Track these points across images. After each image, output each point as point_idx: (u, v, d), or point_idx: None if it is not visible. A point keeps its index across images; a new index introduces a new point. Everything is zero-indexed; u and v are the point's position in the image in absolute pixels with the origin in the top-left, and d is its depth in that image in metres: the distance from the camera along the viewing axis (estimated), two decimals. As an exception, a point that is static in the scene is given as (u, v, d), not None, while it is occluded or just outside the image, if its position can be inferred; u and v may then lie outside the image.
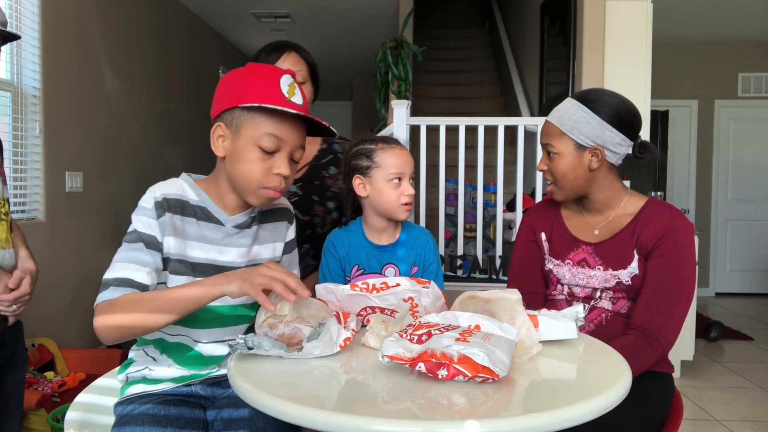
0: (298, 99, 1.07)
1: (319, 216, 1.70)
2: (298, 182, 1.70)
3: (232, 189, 1.13)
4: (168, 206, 1.09)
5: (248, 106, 1.05)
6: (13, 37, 1.32)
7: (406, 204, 1.37)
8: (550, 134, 1.37)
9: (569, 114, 1.35)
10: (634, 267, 1.34)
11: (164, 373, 1.15)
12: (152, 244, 1.07)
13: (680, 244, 1.31)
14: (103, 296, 1.04)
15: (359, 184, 1.39)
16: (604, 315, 1.38)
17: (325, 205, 1.71)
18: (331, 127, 1.13)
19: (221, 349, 1.17)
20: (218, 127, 1.09)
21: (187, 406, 1.11)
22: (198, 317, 1.10)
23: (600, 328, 1.37)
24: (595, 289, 1.39)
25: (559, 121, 1.36)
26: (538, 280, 1.49)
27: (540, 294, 1.49)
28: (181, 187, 1.13)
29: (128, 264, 1.05)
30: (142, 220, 1.07)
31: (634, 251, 1.35)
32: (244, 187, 1.10)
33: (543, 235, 1.49)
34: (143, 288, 1.05)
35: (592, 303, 1.39)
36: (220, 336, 1.17)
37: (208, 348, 1.16)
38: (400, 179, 1.36)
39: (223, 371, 1.17)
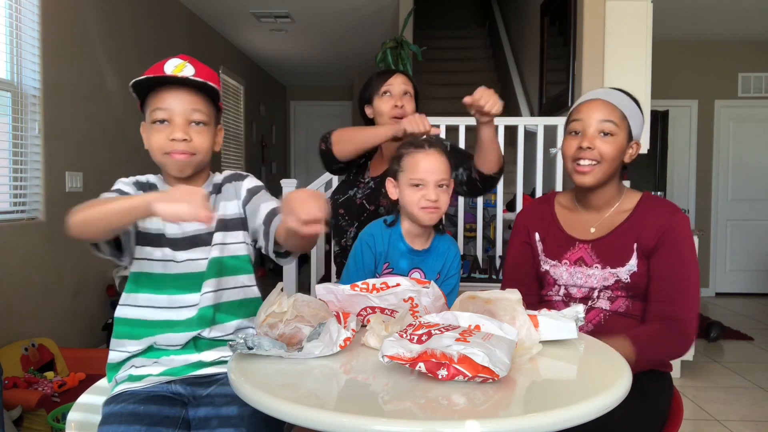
0: (187, 72, 1.19)
1: (384, 207, 1.82)
2: (377, 178, 1.86)
3: (164, 172, 1.26)
4: (146, 186, 1.27)
5: (136, 93, 1.23)
6: None
7: (425, 208, 1.36)
8: (613, 114, 1.34)
9: (625, 102, 1.37)
10: (632, 264, 1.34)
11: (148, 369, 1.18)
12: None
13: (682, 239, 1.32)
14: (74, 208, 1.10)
15: (392, 187, 1.43)
16: (602, 315, 1.37)
17: (388, 198, 1.83)
18: (197, 79, 1.18)
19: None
20: (143, 125, 1.26)
21: (169, 404, 1.13)
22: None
23: (599, 328, 1.36)
24: (593, 289, 1.38)
25: (620, 104, 1.36)
26: (532, 283, 1.48)
27: (534, 296, 1.48)
28: (147, 177, 1.30)
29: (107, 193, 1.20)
30: (121, 186, 1.23)
31: (634, 247, 1.34)
32: (157, 161, 1.23)
33: (537, 236, 1.48)
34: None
35: (589, 303, 1.38)
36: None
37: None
38: (420, 185, 1.36)
39: (204, 371, 1.19)
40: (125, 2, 3.78)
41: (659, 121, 4.72)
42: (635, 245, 1.34)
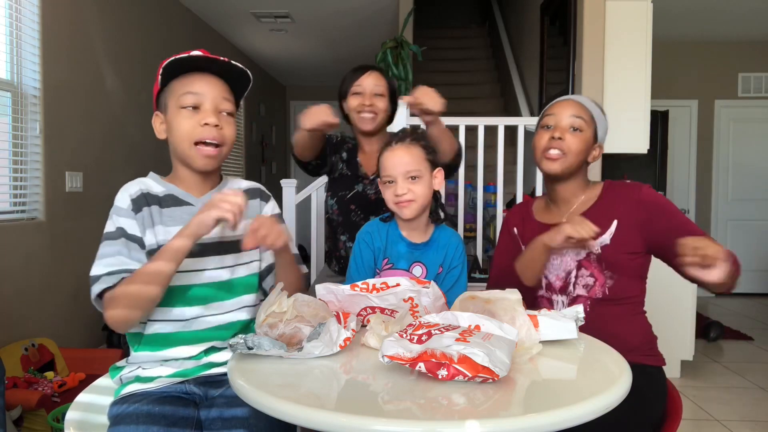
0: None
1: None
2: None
3: (182, 165, 1.20)
4: (144, 200, 1.17)
5: (165, 81, 1.16)
6: None
7: (397, 203, 1.38)
8: (583, 112, 1.46)
9: (593, 106, 1.49)
10: (605, 238, 1.40)
11: (158, 371, 1.17)
12: (133, 238, 1.14)
13: (660, 201, 1.41)
14: (97, 288, 1.10)
15: (380, 187, 1.45)
16: (585, 304, 1.41)
17: None
18: (238, 64, 1.17)
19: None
20: (156, 116, 1.21)
21: (182, 404, 1.11)
22: (186, 296, 1.17)
23: (588, 322, 1.38)
24: (569, 273, 1.43)
25: (589, 106, 1.48)
26: (517, 280, 1.50)
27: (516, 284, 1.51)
28: (146, 183, 1.21)
29: (114, 258, 1.12)
30: (121, 221, 1.15)
31: (613, 225, 1.40)
32: (181, 150, 1.17)
33: (515, 230, 1.58)
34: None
35: (568, 292, 1.44)
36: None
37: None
38: (391, 181, 1.39)
39: (216, 371, 1.18)
40: (125, 2, 3.78)
41: (659, 121, 4.72)
42: (615, 223, 1.40)
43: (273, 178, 7.39)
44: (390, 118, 1.98)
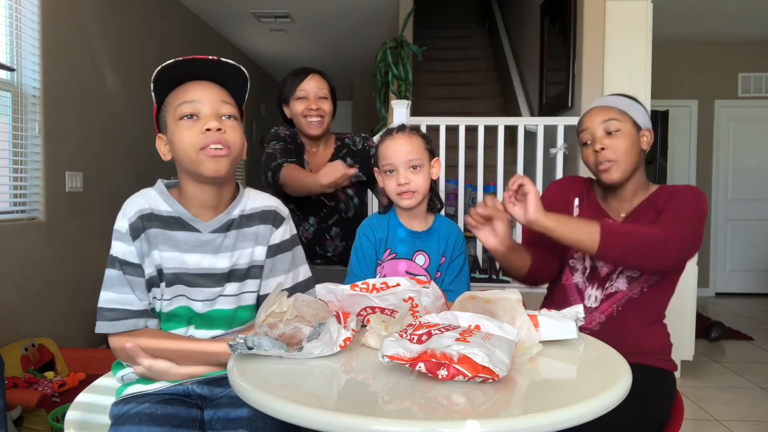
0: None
1: (343, 201, 1.99)
2: None
3: (192, 180, 1.13)
4: (143, 223, 1.11)
5: (155, 97, 1.12)
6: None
7: (400, 194, 1.40)
8: (611, 113, 1.42)
9: (621, 101, 1.46)
10: None
11: None
12: (130, 267, 1.11)
13: (683, 192, 1.39)
14: (103, 328, 1.12)
15: (378, 176, 1.47)
16: (614, 306, 1.40)
17: (346, 192, 1.99)
18: (229, 61, 1.11)
19: None
20: (159, 138, 1.16)
21: (184, 405, 1.11)
22: (202, 318, 1.15)
23: (610, 320, 1.40)
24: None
25: (614, 103, 1.44)
26: (551, 253, 1.50)
27: (556, 256, 1.51)
28: (153, 198, 1.14)
29: (116, 295, 1.11)
30: (119, 246, 1.11)
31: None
32: (188, 162, 1.09)
33: (576, 201, 1.53)
34: (139, 313, 1.12)
35: (607, 285, 1.42)
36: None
37: None
38: (392, 170, 1.40)
39: (219, 371, 1.17)
40: (125, 2, 3.78)
41: (659, 121, 4.72)
42: (654, 216, 1.39)
43: (273, 178, 7.38)
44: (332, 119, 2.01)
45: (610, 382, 0.88)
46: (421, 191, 1.41)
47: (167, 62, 1.10)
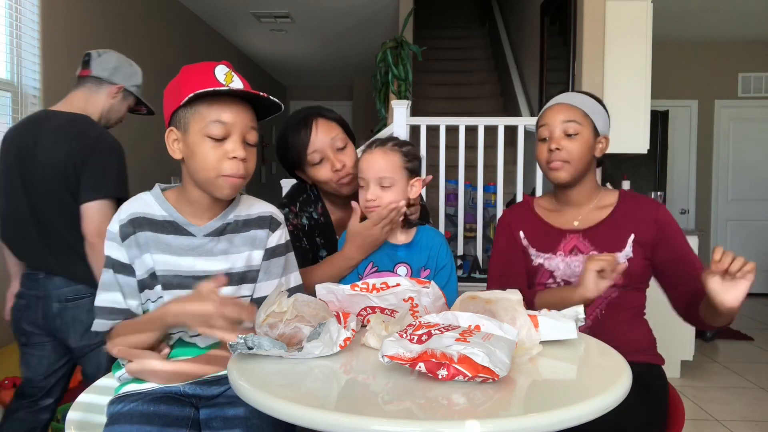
0: (237, 84, 1.09)
1: None
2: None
3: (198, 188, 1.14)
4: (135, 226, 1.13)
5: (188, 100, 1.06)
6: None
7: (366, 208, 1.37)
8: (574, 114, 1.42)
9: (586, 101, 1.45)
10: (628, 251, 1.40)
11: None
12: (120, 267, 1.13)
13: (673, 225, 1.43)
14: (97, 325, 1.15)
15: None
16: (597, 311, 1.41)
17: None
18: (273, 98, 1.12)
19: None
20: (170, 131, 1.13)
21: (178, 404, 1.11)
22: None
23: (596, 323, 1.40)
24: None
25: (580, 103, 1.44)
26: (521, 280, 1.49)
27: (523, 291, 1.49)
28: (147, 203, 1.16)
29: (107, 294, 1.14)
30: (110, 245, 1.14)
31: (630, 238, 1.40)
32: (204, 179, 1.10)
33: (521, 233, 1.52)
34: (126, 312, 1.14)
35: None
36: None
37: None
38: (364, 185, 1.38)
39: (211, 373, 1.17)
40: (125, 2, 3.78)
41: (659, 121, 4.72)
42: (632, 236, 1.41)
43: (273, 178, 7.39)
44: None
45: (610, 381, 0.88)
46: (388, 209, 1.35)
47: (219, 88, 1.06)
